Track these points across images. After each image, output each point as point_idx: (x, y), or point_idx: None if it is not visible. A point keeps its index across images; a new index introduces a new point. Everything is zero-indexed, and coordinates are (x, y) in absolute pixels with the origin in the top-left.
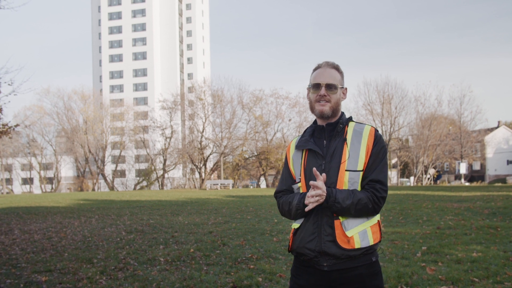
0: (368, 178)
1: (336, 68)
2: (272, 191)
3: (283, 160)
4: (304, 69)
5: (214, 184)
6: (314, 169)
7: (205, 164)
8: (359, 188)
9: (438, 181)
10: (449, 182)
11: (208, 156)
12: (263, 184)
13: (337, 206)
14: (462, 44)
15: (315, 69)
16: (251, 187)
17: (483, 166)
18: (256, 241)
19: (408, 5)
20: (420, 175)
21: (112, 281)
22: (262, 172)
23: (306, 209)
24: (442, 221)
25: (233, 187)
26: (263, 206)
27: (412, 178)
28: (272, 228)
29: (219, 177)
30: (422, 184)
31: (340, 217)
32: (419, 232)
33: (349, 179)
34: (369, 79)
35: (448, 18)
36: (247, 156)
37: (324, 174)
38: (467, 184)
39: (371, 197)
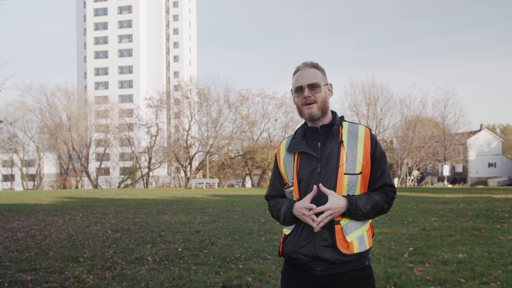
0: (380, 183)
1: (316, 66)
2: (257, 191)
3: (269, 160)
4: (292, 70)
5: (199, 183)
6: (320, 186)
7: (190, 163)
8: (357, 192)
9: (421, 183)
10: (432, 183)
11: (194, 155)
12: (248, 184)
13: (358, 213)
14: (449, 47)
15: (294, 73)
16: (237, 186)
17: (465, 169)
18: (244, 241)
19: (400, 7)
20: (404, 177)
21: (99, 281)
22: (247, 172)
23: (316, 230)
24: (427, 223)
25: (218, 186)
26: (249, 206)
27: (396, 179)
28: (260, 228)
29: (204, 176)
30: (406, 185)
31: (341, 222)
32: (405, 233)
33: (348, 182)
34: (356, 81)
35: (441, 20)
36: (232, 156)
37: (320, 185)
38: (449, 186)
39: (386, 197)
